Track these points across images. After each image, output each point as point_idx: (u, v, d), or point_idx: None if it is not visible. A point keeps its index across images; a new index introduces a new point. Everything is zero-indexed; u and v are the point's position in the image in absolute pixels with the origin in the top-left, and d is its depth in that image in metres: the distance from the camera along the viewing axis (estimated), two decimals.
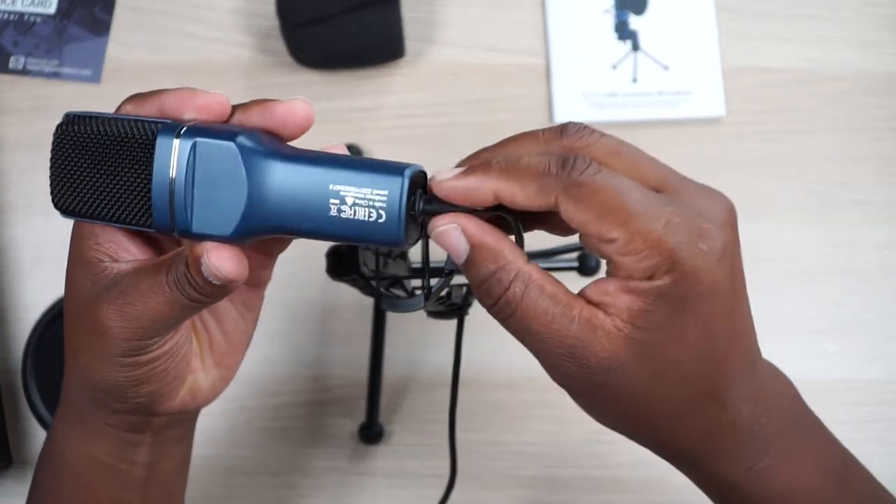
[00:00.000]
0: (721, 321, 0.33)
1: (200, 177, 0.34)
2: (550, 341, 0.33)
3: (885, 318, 0.69)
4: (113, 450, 0.40)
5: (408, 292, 0.54)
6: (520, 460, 0.67)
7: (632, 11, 0.75)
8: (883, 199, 0.72)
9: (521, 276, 0.33)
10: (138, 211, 0.35)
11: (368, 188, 0.34)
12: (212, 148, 0.34)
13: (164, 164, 0.34)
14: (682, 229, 0.32)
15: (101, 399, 0.39)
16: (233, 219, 0.34)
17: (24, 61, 0.73)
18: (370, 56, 0.72)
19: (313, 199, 0.34)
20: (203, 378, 0.41)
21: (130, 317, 0.35)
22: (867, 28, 0.75)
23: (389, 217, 0.34)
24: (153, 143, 0.34)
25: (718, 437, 0.35)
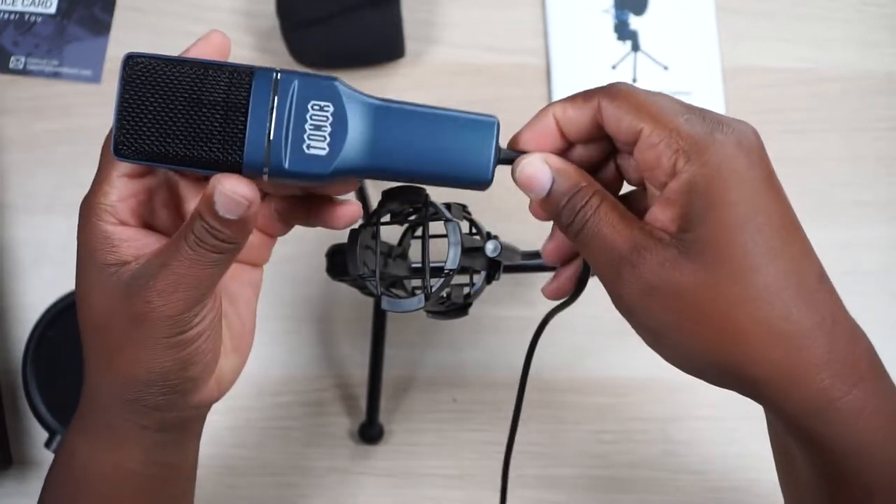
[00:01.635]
0: (756, 209, 0.35)
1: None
2: (615, 251, 0.36)
3: (885, 318, 0.70)
4: (142, 455, 0.40)
5: (408, 292, 0.54)
6: (520, 460, 0.67)
7: (632, 11, 0.75)
8: (883, 199, 0.72)
9: (598, 192, 0.37)
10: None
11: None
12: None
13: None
14: (700, 122, 0.35)
15: (140, 398, 0.38)
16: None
17: (25, 61, 0.73)
18: (370, 56, 0.72)
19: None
20: (226, 364, 0.41)
21: (168, 292, 0.36)
22: (867, 28, 0.75)
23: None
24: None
25: (793, 347, 0.34)
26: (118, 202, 0.37)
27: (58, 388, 0.64)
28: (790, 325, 0.34)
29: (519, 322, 0.69)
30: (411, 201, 0.49)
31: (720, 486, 0.66)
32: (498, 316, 0.69)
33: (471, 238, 0.51)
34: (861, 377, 0.35)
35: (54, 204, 0.70)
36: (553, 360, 0.68)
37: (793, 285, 0.35)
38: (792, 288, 0.35)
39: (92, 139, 0.72)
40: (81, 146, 0.71)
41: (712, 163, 0.34)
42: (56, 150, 0.71)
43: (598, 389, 0.68)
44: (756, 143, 0.36)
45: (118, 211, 0.37)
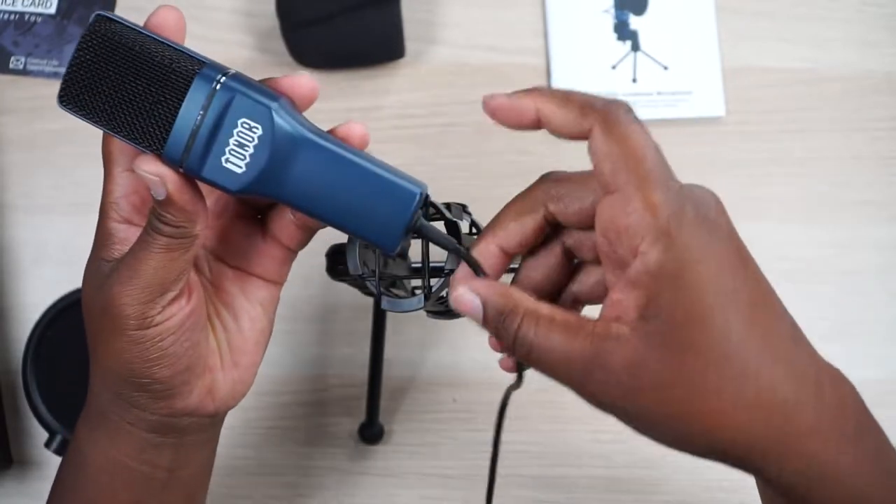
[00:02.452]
0: (724, 289, 0.33)
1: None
2: (573, 364, 0.34)
3: (885, 318, 0.69)
4: (134, 452, 0.41)
5: (408, 292, 0.54)
6: (520, 460, 0.67)
7: (631, 12, 0.75)
8: (883, 199, 0.72)
9: (528, 315, 0.35)
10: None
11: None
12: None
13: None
14: (674, 195, 0.34)
15: (120, 393, 0.39)
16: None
17: (25, 61, 0.73)
18: (370, 56, 0.72)
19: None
20: (222, 378, 0.41)
21: (127, 281, 0.36)
22: (867, 28, 0.75)
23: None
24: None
25: (778, 419, 0.34)
26: (122, 198, 0.38)
27: (58, 388, 0.64)
28: (772, 398, 0.33)
29: None
30: None
31: (719, 486, 0.66)
32: None
33: (471, 238, 0.51)
34: (850, 438, 0.34)
35: (54, 204, 0.70)
36: None
37: (769, 358, 0.34)
38: (769, 360, 0.33)
39: (92, 139, 0.72)
40: (81, 146, 0.71)
41: (681, 244, 0.33)
42: (56, 150, 0.71)
43: None
44: (719, 214, 0.35)
45: (122, 208, 0.38)
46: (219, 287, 0.42)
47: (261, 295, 0.43)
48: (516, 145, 0.72)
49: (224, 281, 0.43)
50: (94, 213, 0.39)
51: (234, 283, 0.43)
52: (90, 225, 0.39)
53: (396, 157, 0.71)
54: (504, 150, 0.72)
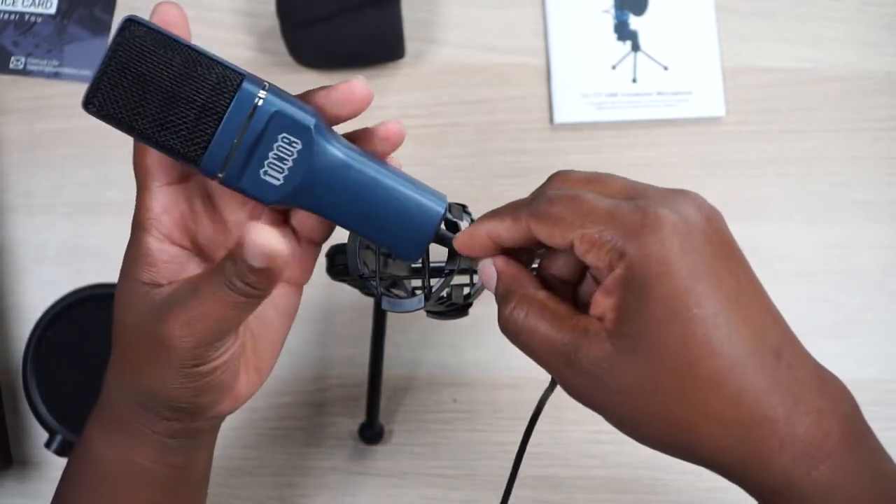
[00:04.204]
0: (690, 301, 0.33)
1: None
2: (554, 352, 0.36)
3: (885, 318, 0.69)
4: (155, 455, 0.41)
5: (408, 292, 0.54)
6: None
7: (631, 12, 0.75)
8: (883, 199, 0.72)
9: (523, 298, 0.38)
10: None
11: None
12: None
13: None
14: (631, 211, 0.35)
15: (153, 408, 0.39)
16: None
17: (25, 61, 0.73)
18: (370, 56, 0.72)
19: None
20: (245, 385, 0.42)
21: (194, 326, 0.36)
22: (867, 28, 0.75)
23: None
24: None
25: (746, 432, 0.34)
26: (162, 214, 0.38)
27: (58, 388, 0.64)
28: (740, 412, 0.33)
29: None
30: None
31: (719, 486, 0.66)
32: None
33: None
34: (829, 453, 0.34)
35: (54, 204, 0.70)
36: None
37: (740, 371, 0.33)
38: (739, 374, 0.33)
39: (92, 139, 0.73)
40: (81, 146, 0.71)
41: (641, 256, 0.33)
42: (56, 150, 0.71)
43: None
44: (698, 221, 0.35)
45: (163, 224, 0.38)
46: None
47: (288, 300, 0.43)
48: (516, 145, 0.72)
49: None
50: (95, 213, 0.39)
51: None
52: (90, 225, 0.39)
53: (397, 157, 0.71)
54: (504, 150, 0.72)
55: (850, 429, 0.35)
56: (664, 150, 0.72)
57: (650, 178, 0.73)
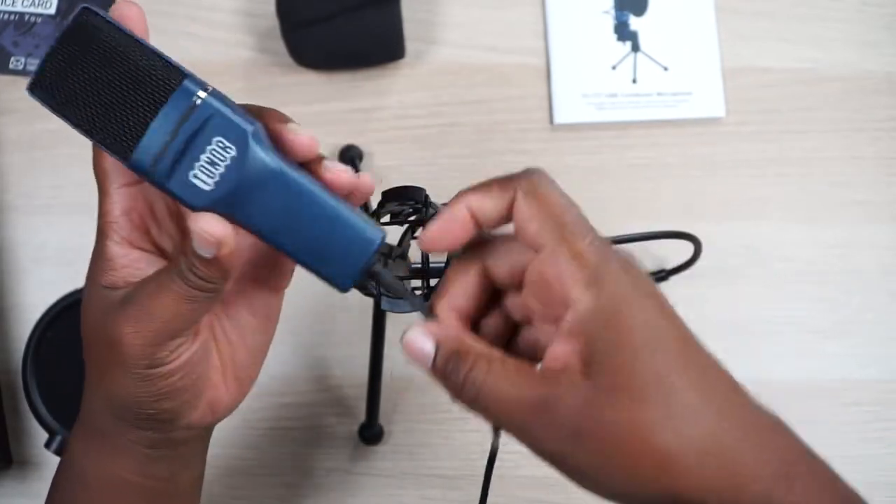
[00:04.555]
0: (657, 336, 0.34)
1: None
2: (522, 407, 0.34)
3: (885, 318, 0.69)
4: (136, 467, 0.40)
5: None
6: (520, 460, 0.67)
7: (631, 12, 0.75)
8: (883, 199, 0.72)
9: (481, 357, 0.36)
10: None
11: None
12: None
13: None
14: (597, 248, 0.35)
15: (123, 415, 0.39)
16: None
17: (25, 61, 0.73)
18: (370, 56, 0.72)
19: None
20: (224, 391, 0.41)
21: (143, 323, 0.35)
22: (867, 28, 0.75)
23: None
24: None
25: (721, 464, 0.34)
26: (121, 216, 0.37)
27: (58, 388, 0.64)
28: (713, 443, 0.33)
29: None
30: (411, 202, 0.49)
31: None
32: None
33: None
34: (797, 476, 0.34)
35: (54, 204, 0.70)
36: None
37: (707, 403, 0.34)
38: (707, 405, 0.34)
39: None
40: (81, 147, 0.70)
41: (609, 292, 0.33)
42: (56, 151, 0.71)
43: None
44: (641, 270, 0.36)
45: (122, 228, 0.37)
46: (225, 302, 0.41)
47: (268, 305, 0.42)
48: (516, 146, 0.72)
49: (230, 295, 0.41)
50: (94, 213, 0.38)
51: (240, 296, 0.41)
52: (90, 225, 0.39)
53: (396, 157, 0.72)
54: (504, 151, 0.72)
55: (802, 452, 0.36)
56: (664, 150, 0.72)
57: (650, 178, 0.73)
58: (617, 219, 0.71)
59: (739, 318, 0.69)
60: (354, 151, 0.70)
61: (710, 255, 0.67)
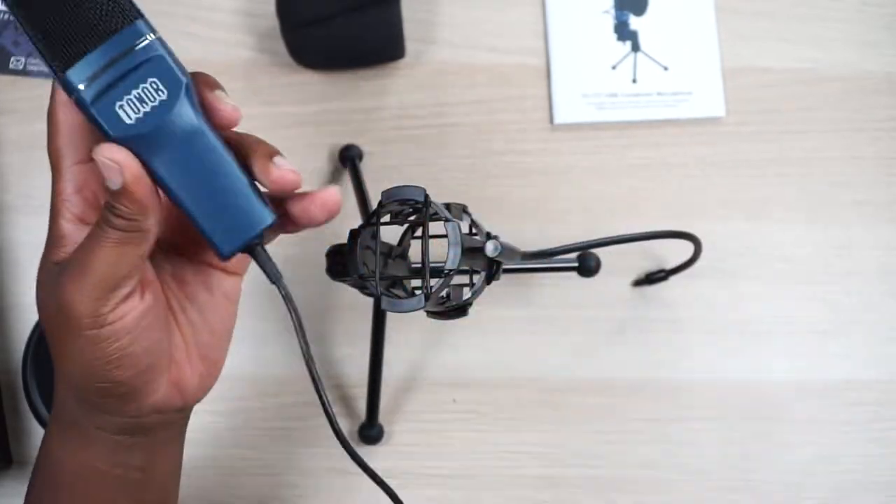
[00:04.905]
0: None
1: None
2: None
3: (885, 318, 0.69)
4: (107, 455, 0.40)
5: (408, 292, 0.54)
6: (520, 460, 0.67)
7: (631, 12, 0.75)
8: (883, 199, 0.72)
9: None
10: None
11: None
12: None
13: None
14: None
15: (84, 398, 0.39)
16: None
17: (24, 62, 0.73)
18: (370, 56, 0.72)
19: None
20: (189, 372, 0.41)
21: (81, 278, 0.36)
22: (867, 28, 0.75)
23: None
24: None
25: None
26: (73, 194, 0.38)
27: None
28: None
29: (519, 322, 0.69)
30: (411, 201, 0.49)
31: (720, 486, 0.66)
32: (498, 316, 0.69)
33: (471, 238, 0.51)
34: None
35: None
36: (553, 360, 0.68)
37: None
38: None
39: None
40: None
41: None
42: None
43: (597, 390, 0.68)
44: None
45: (75, 205, 0.38)
46: (181, 281, 0.42)
47: (224, 287, 0.43)
48: (516, 146, 0.72)
49: (186, 275, 0.42)
50: None
51: (196, 276, 0.42)
52: None
53: (396, 157, 0.72)
54: (504, 151, 0.72)
55: None
56: (664, 150, 0.72)
57: (650, 178, 0.73)
58: (617, 219, 0.71)
59: (739, 318, 0.69)
60: (354, 151, 0.70)
61: (710, 254, 0.67)
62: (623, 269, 0.69)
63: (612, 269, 0.68)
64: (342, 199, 0.39)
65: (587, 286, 0.69)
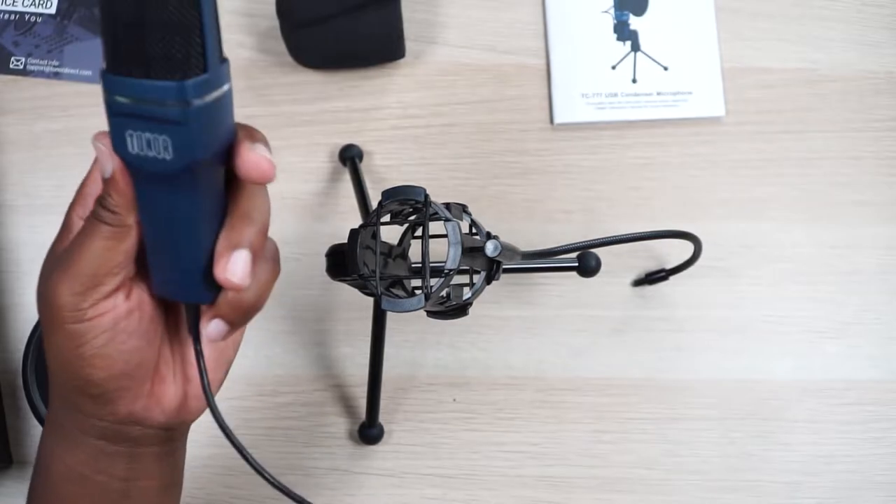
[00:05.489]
0: None
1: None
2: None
3: (885, 318, 0.70)
4: (89, 460, 0.40)
5: (408, 292, 0.54)
6: (520, 460, 0.67)
7: (631, 12, 0.75)
8: (883, 199, 0.72)
9: None
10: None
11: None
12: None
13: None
14: None
15: (66, 397, 0.39)
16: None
17: (25, 61, 0.73)
18: (370, 56, 0.72)
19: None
20: (173, 390, 0.41)
21: (69, 271, 0.36)
22: (867, 28, 0.75)
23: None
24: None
25: None
26: (90, 196, 0.38)
27: None
28: None
29: (519, 322, 0.69)
30: (411, 201, 0.49)
31: (720, 486, 0.66)
32: (498, 316, 0.69)
33: (471, 238, 0.51)
34: None
35: (54, 204, 0.70)
36: (553, 360, 0.68)
37: None
38: None
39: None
40: (81, 146, 0.71)
41: None
42: (56, 151, 0.71)
43: (597, 389, 0.68)
44: None
45: (88, 205, 0.38)
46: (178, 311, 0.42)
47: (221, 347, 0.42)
48: (516, 145, 0.72)
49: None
50: None
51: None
52: None
53: (396, 157, 0.72)
54: (504, 151, 0.72)
55: None
56: (664, 150, 0.72)
57: (650, 177, 0.73)
58: (617, 218, 0.71)
59: (739, 318, 0.69)
60: (354, 151, 0.70)
61: (710, 254, 0.67)
62: (623, 269, 0.69)
63: (612, 268, 0.68)
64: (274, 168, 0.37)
65: (587, 286, 0.69)
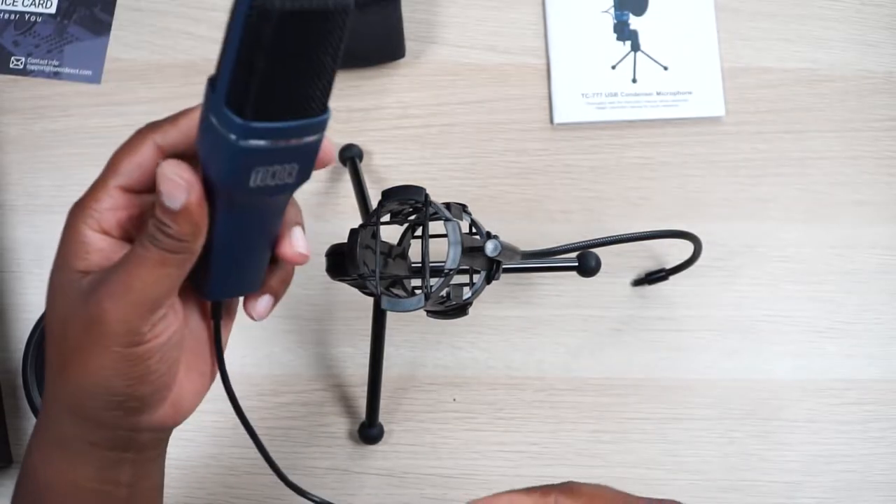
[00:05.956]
0: None
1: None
2: None
3: (885, 318, 0.70)
4: (96, 473, 0.40)
5: (408, 292, 0.54)
6: (520, 460, 0.67)
7: (631, 12, 0.75)
8: (883, 199, 0.72)
9: None
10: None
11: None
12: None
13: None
14: None
15: (85, 410, 0.38)
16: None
17: (25, 61, 0.73)
18: (370, 56, 0.72)
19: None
20: (186, 388, 0.40)
21: (123, 296, 0.35)
22: (867, 28, 0.75)
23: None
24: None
25: None
26: (108, 210, 0.37)
27: None
28: None
29: (519, 322, 0.69)
30: (411, 201, 0.49)
31: (720, 485, 0.66)
32: (498, 316, 0.69)
33: (471, 238, 0.51)
34: None
35: (54, 204, 0.70)
36: (553, 359, 0.68)
37: None
38: None
39: (92, 139, 0.73)
40: (81, 146, 0.71)
41: None
42: (56, 150, 0.71)
43: (597, 389, 0.68)
44: None
45: (104, 219, 0.37)
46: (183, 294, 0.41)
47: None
48: (516, 145, 0.72)
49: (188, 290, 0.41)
50: None
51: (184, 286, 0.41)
52: None
53: (396, 157, 0.72)
54: (504, 150, 0.72)
55: None
56: (664, 150, 0.72)
57: (650, 177, 0.73)
58: (617, 218, 0.71)
59: (739, 318, 0.69)
60: (354, 151, 0.70)
61: (710, 254, 0.67)
62: (623, 268, 0.69)
63: (612, 268, 0.68)
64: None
65: (587, 286, 0.69)
